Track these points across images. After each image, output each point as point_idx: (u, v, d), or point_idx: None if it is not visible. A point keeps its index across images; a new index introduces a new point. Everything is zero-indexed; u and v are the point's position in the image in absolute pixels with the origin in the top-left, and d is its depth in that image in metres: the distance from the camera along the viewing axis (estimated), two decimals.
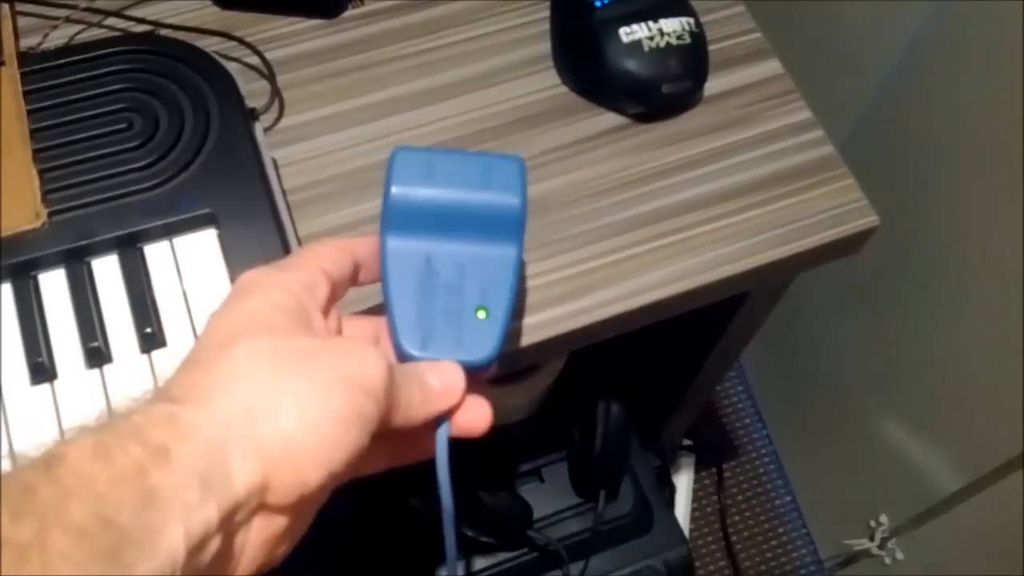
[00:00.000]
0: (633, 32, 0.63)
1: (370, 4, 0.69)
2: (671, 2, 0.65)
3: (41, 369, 0.50)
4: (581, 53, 0.65)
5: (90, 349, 0.50)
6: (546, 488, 0.91)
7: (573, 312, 0.59)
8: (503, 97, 0.66)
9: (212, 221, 0.54)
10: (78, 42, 0.63)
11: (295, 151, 0.63)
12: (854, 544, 1.14)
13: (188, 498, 0.30)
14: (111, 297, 0.52)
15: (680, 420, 1.06)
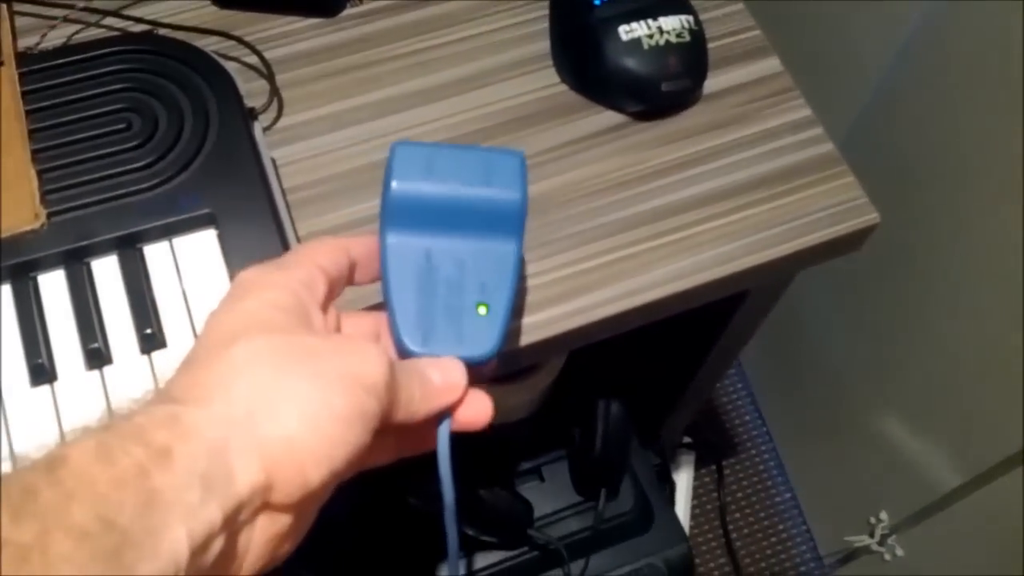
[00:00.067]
0: (632, 30, 0.63)
1: (369, 3, 0.69)
2: (670, 0, 0.65)
3: (41, 371, 0.49)
4: (580, 51, 0.65)
5: (90, 350, 0.50)
6: (546, 487, 0.91)
7: (572, 312, 0.59)
8: (502, 96, 0.66)
9: (212, 221, 0.54)
10: (76, 42, 0.63)
11: (294, 150, 0.63)
12: (854, 541, 1.14)
13: (190, 499, 0.30)
14: (111, 298, 0.52)
15: (680, 418, 1.07)
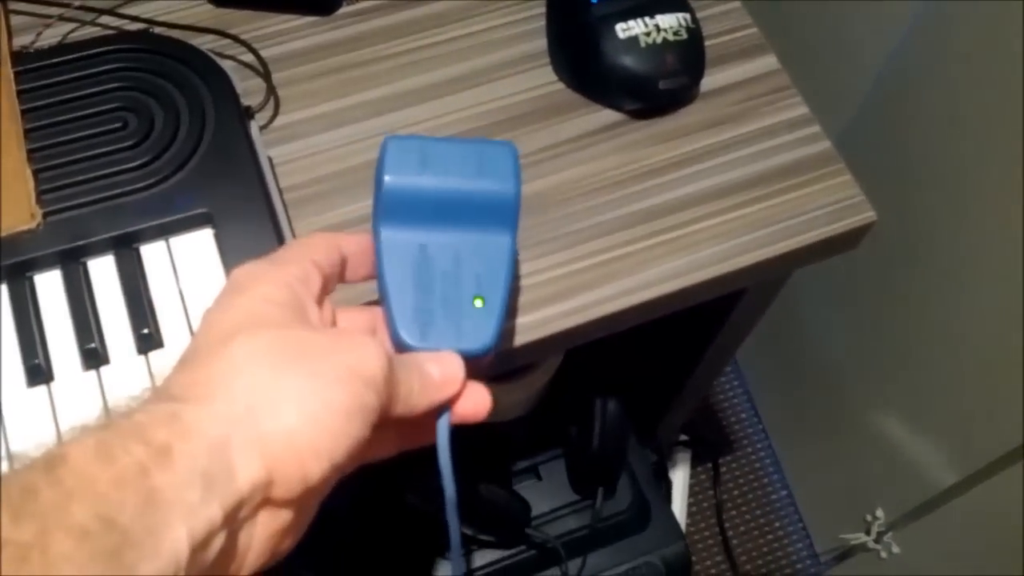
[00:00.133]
0: (629, 28, 0.63)
1: (364, 1, 0.69)
2: None
3: (38, 371, 0.49)
4: (577, 49, 0.65)
5: (87, 351, 0.50)
6: (543, 486, 0.91)
7: (569, 311, 0.58)
8: (498, 94, 0.66)
9: (208, 221, 0.54)
10: (72, 40, 0.63)
11: (290, 149, 0.63)
12: (850, 538, 1.14)
13: (191, 497, 0.30)
14: (107, 298, 0.52)
15: (677, 416, 1.07)
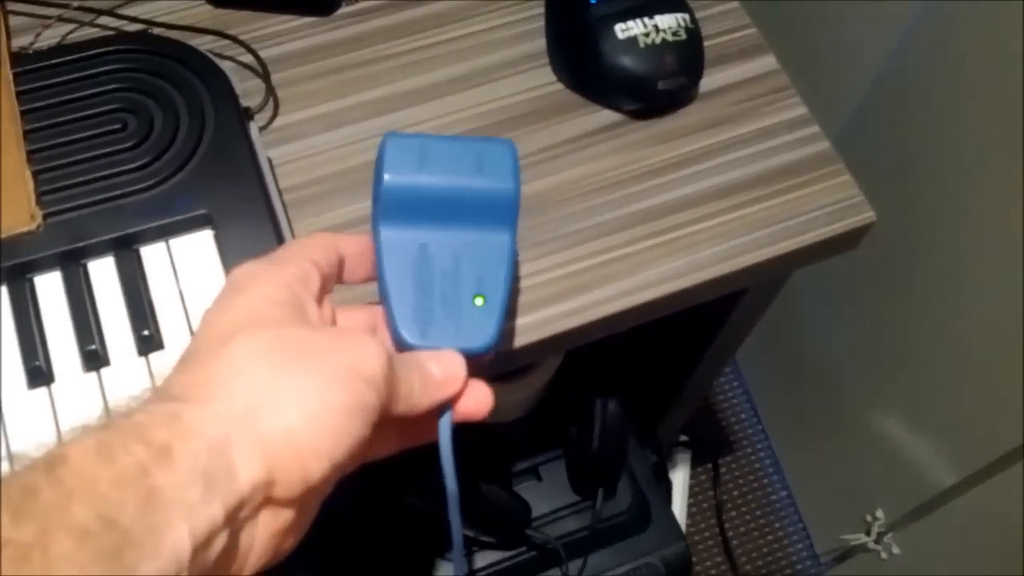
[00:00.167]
0: (629, 29, 0.63)
1: (363, 1, 0.69)
2: None
3: (38, 373, 0.49)
4: (576, 50, 0.65)
5: (87, 352, 0.50)
6: (544, 486, 0.91)
7: (569, 311, 0.58)
8: (498, 95, 0.66)
9: (208, 222, 0.54)
10: (71, 41, 0.63)
11: (290, 150, 0.63)
12: (850, 539, 1.14)
13: (191, 497, 0.30)
14: (108, 299, 0.52)
15: (677, 416, 1.07)
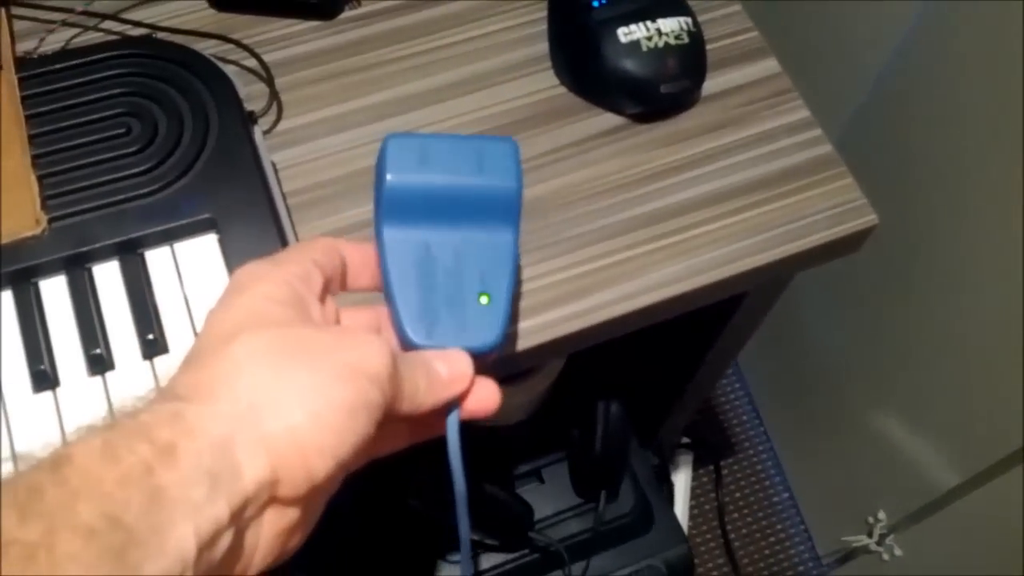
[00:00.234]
0: (631, 32, 0.63)
1: (367, 5, 0.69)
2: (668, 2, 0.65)
3: (43, 377, 0.49)
4: (579, 53, 0.65)
5: (92, 356, 0.50)
6: (546, 489, 0.92)
7: (571, 315, 0.59)
8: (500, 98, 0.66)
9: (212, 226, 0.54)
10: (75, 46, 0.63)
11: (294, 154, 0.63)
12: (852, 540, 1.14)
13: (196, 496, 0.30)
14: (112, 303, 0.52)
15: (678, 418, 1.07)
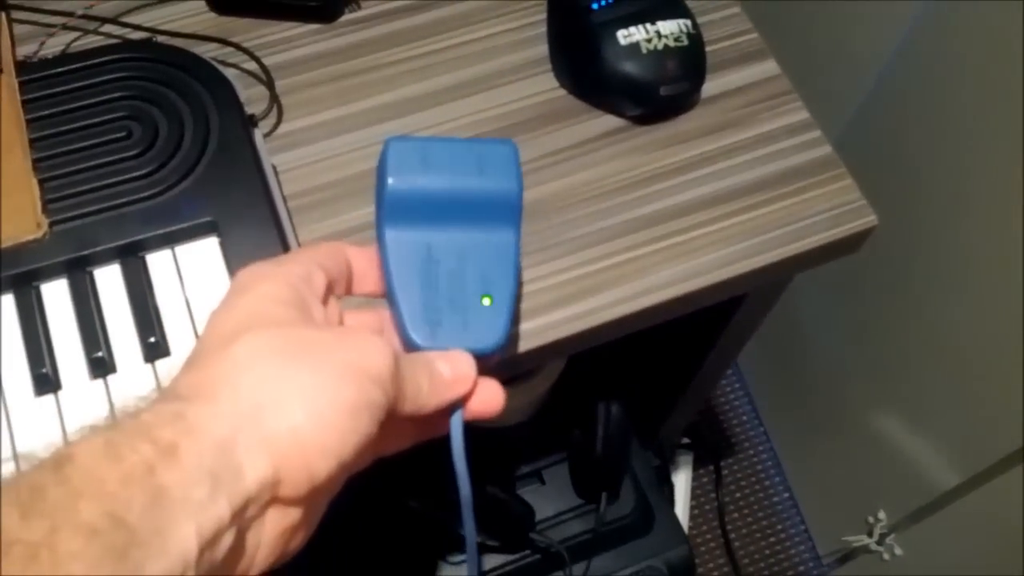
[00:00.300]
0: (631, 34, 0.63)
1: (366, 8, 0.69)
2: (668, 4, 0.65)
3: (45, 380, 0.49)
4: (578, 56, 0.65)
5: (94, 359, 0.50)
6: (547, 490, 0.92)
7: (571, 316, 0.59)
8: (501, 101, 0.66)
9: (213, 229, 0.54)
10: (75, 50, 0.63)
11: (294, 156, 0.63)
12: (852, 540, 1.14)
13: (198, 495, 0.30)
14: (114, 307, 0.52)
15: (678, 419, 1.07)
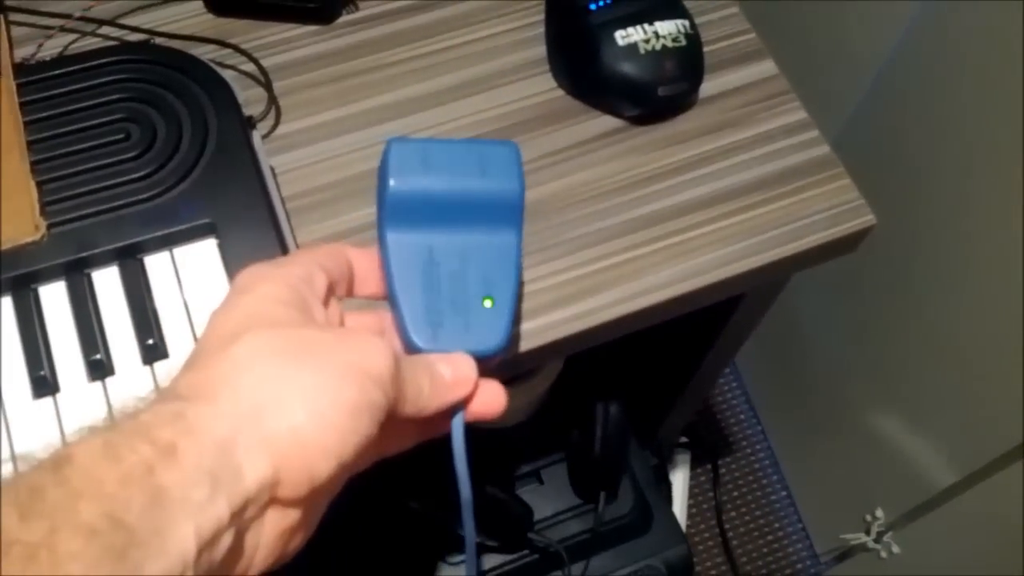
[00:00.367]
0: (629, 35, 0.63)
1: (364, 9, 0.69)
2: (666, 4, 0.65)
3: (43, 383, 0.49)
4: (577, 56, 0.65)
5: (92, 362, 0.50)
6: (546, 490, 0.92)
7: (570, 317, 0.59)
8: (499, 101, 0.66)
9: (212, 231, 0.54)
10: (73, 52, 0.63)
11: (292, 158, 0.63)
12: (850, 538, 1.15)
13: (197, 495, 0.30)
14: (112, 309, 0.52)
15: (676, 418, 1.07)
